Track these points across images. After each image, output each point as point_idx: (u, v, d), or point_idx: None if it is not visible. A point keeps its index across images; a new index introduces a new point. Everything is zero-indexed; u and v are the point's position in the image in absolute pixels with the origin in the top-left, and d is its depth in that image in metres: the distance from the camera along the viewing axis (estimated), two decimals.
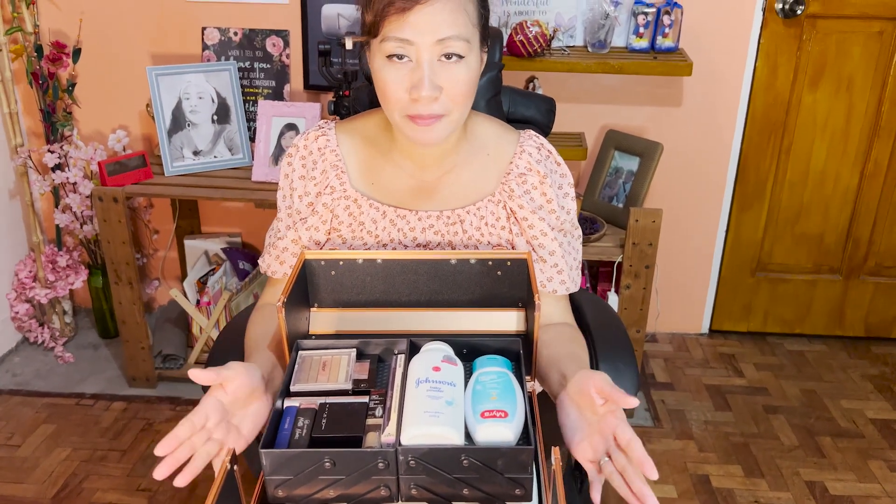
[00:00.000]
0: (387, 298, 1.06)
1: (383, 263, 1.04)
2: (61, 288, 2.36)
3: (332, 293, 1.06)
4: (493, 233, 1.13)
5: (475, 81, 1.05)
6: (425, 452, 0.80)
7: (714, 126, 2.33)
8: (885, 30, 2.19)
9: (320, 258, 1.04)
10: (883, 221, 2.42)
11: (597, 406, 0.85)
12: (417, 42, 0.97)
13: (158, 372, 2.29)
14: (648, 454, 0.79)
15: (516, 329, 1.06)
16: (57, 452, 2.03)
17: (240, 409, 0.87)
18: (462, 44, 0.99)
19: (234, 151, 2.21)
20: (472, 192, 1.14)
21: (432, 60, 0.98)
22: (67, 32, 2.30)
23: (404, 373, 0.92)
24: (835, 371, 2.41)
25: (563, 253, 1.15)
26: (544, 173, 1.13)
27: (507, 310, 1.06)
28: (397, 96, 1.00)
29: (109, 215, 2.07)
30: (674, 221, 2.39)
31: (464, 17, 0.98)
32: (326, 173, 1.14)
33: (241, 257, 2.42)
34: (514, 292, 1.05)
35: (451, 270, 1.04)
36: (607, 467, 0.81)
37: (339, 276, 1.05)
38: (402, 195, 1.14)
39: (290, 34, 2.27)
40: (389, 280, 1.05)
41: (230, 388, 0.86)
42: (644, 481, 0.78)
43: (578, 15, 2.18)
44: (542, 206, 1.13)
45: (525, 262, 1.03)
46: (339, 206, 1.14)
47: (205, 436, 0.83)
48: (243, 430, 0.87)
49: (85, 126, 2.43)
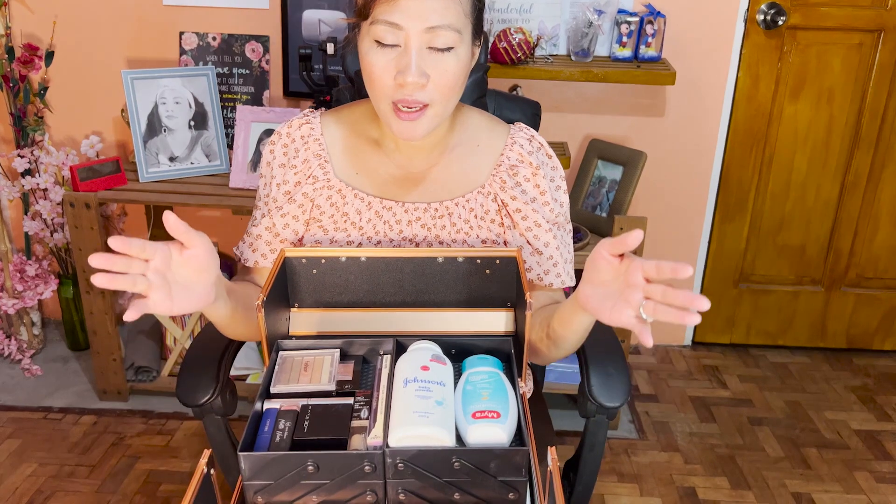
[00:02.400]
0: (371, 298, 1.02)
1: (367, 261, 1.00)
2: (30, 298, 2.28)
3: (313, 293, 1.02)
4: (482, 226, 1.10)
5: (464, 74, 1.02)
6: (414, 454, 0.75)
7: (697, 136, 2.32)
8: (864, 42, 2.21)
9: (301, 255, 1.00)
10: (863, 233, 2.43)
11: (614, 267, 0.80)
12: (407, 27, 0.95)
13: (130, 384, 2.21)
14: (634, 465, 0.75)
15: (505, 330, 1.02)
16: (22, 468, 1.94)
17: (183, 275, 0.81)
18: (452, 34, 0.96)
19: (212, 158, 2.16)
20: (462, 184, 1.11)
21: (421, 48, 0.96)
22: (40, 35, 2.25)
23: (391, 373, 0.87)
24: (818, 382, 2.41)
25: (559, 244, 1.12)
26: (537, 164, 1.11)
27: (495, 310, 1.02)
28: (383, 81, 0.98)
29: (81, 222, 2.01)
30: (657, 232, 2.38)
31: (456, 6, 0.96)
32: (308, 162, 1.11)
33: None
34: (502, 292, 1.02)
35: (437, 269, 1.00)
36: (648, 307, 0.75)
37: (320, 275, 1.01)
38: (388, 185, 1.11)
39: (269, 40, 2.23)
40: (374, 279, 1.01)
41: (189, 252, 0.81)
42: (685, 291, 0.73)
43: (562, 23, 2.18)
44: (535, 198, 1.10)
45: (514, 260, 1.00)
46: (322, 197, 1.10)
47: (142, 267, 0.77)
48: (174, 294, 0.80)
49: (57, 131, 2.37)
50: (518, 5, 2.15)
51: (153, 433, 2.08)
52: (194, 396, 1.13)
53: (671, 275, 0.73)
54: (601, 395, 1.12)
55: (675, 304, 0.74)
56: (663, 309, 0.74)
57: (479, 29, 1.04)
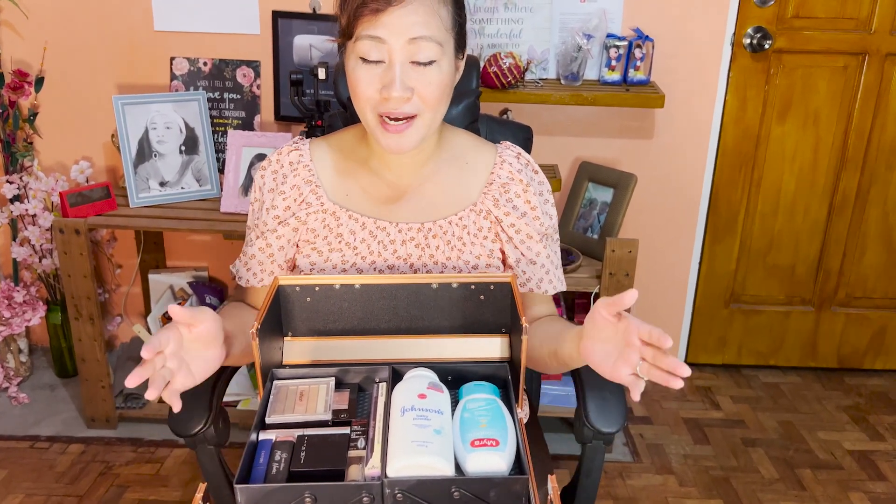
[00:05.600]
0: (365, 325, 1.02)
1: (361, 288, 1.00)
2: (17, 325, 2.25)
3: (307, 321, 1.01)
4: (475, 242, 1.12)
5: (448, 87, 1.05)
6: (413, 485, 0.75)
7: (686, 158, 2.34)
8: (849, 65, 2.24)
9: (295, 283, 1.00)
10: (852, 252, 2.44)
11: (613, 325, 0.85)
12: (390, 42, 0.98)
13: (119, 412, 2.19)
14: (629, 488, 0.77)
15: (500, 356, 1.02)
16: (9, 500, 1.90)
17: (196, 350, 0.89)
18: (434, 46, 0.99)
19: (203, 182, 2.16)
20: (452, 202, 1.13)
21: (405, 62, 0.99)
22: (30, 61, 2.24)
23: (387, 401, 0.87)
24: (810, 402, 2.41)
25: (549, 253, 1.17)
26: (527, 182, 1.15)
27: (490, 336, 1.02)
28: (368, 94, 1.01)
29: (70, 248, 1.99)
30: (648, 254, 2.39)
31: (437, 20, 0.99)
32: (299, 188, 1.13)
33: (207, 292, 2.35)
34: (497, 317, 1.02)
35: (432, 294, 1.00)
36: (643, 368, 0.82)
37: (314, 303, 1.00)
38: (380, 204, 1.13)
39: (261, 64, 2.24)
40: (368, 306, 1.01)
41: (196, 329, 0.88)
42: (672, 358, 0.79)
43: (551, 48, 2.19)
44: (525, 213, 1.14)
45: (509, 286, 1.00)
46: (317, 220, 1.12)
47: (162, 360, 0.85)
48: (193, 369, 0.89)
49: (46, 157, 2.35)
50: (508, 30, 2.16)
51: (142, 461, 2.05)
52: (187, 426, 1.11)
53: (657, 343, 0.80)
54: (598, 420, 1.12)
55: (663, 367, 0.80)
56: (655, 371, 0.81)
57: (461, 43, 1.08)
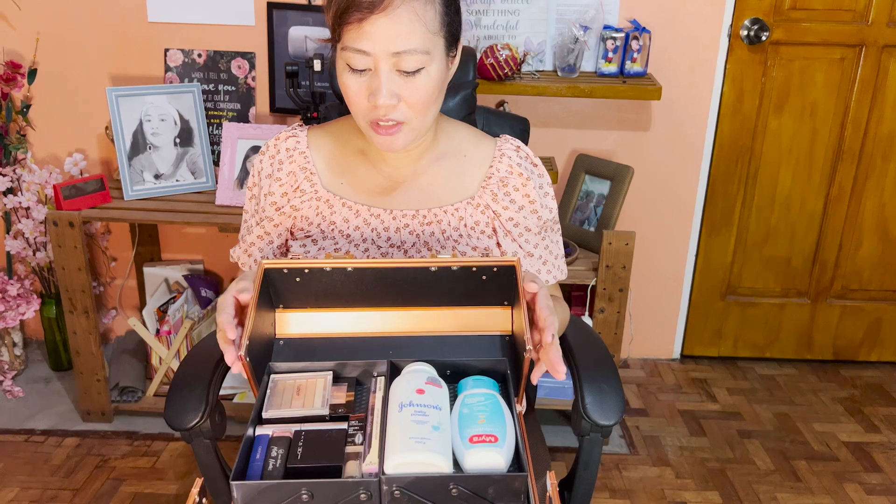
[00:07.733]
0: (360, 302, 0.99)
1: (354, 271, 0.96)
2: (11, 318, 2.24)
3: (299, 296, 0.98)
4: (471, 235, 1.12)
5: (438, 88, 1.03)
6: (411, 482, 0.74)
7: (683, 150, 2.34)
8: (846, 56, 2.23)
9: (281, 266, 0.96)
10: (848, 245, 2.44)
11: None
12: (374, 52, 0.97)
13: (115, 405, 2.18)
14: (626, 480, 0.79)
15: (501, 329, 0.99)
16: (4, 493, 1.90)
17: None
18: (419, 56, 0.98)
19: (197, 175, 2.15)
20: (450, 193, 1.13)
21: (390, 71, 0.98)
22: (23, 53, 2.22)
23: (385, 396, 0.86)
24: (805, 394, 2.41)
25: (548, 245, 1.17)
26: (527, 175, 1.14)
27: (491, 307, 0.99)
28: (358, 103, 1.02)
29: (65, 240, 1.98)
30: (644, 246, 2.38)
31: (421, 27, 0.97)
32: (294, 175, 1.13)
33: (203, 284, 2.34)
34: (499, 294, 0.98)
35: (430, 277, 0.97)
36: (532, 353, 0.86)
37: (304, 283, 0.97)
38: (375, 193, 1.13)
39: (255, 56, 2.22)
40: (361, 286, 0.97)
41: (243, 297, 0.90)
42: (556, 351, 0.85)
43: (548, 39, 2.18)
44: (524, 206, 1.14)
45: (513, 269, 0.95)
46: (311, 208, 1.12)
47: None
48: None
49: (40, 149, 2.34)
50: (504, 21, 2.15)
51: (138, 455, 2.04)
52: (183, 419, 1.11)
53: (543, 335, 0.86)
54: (596, 413, 1.12)
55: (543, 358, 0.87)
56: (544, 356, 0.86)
57: (453, 40, 1.04)
